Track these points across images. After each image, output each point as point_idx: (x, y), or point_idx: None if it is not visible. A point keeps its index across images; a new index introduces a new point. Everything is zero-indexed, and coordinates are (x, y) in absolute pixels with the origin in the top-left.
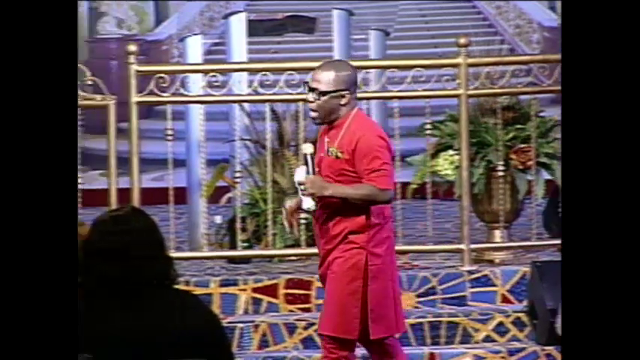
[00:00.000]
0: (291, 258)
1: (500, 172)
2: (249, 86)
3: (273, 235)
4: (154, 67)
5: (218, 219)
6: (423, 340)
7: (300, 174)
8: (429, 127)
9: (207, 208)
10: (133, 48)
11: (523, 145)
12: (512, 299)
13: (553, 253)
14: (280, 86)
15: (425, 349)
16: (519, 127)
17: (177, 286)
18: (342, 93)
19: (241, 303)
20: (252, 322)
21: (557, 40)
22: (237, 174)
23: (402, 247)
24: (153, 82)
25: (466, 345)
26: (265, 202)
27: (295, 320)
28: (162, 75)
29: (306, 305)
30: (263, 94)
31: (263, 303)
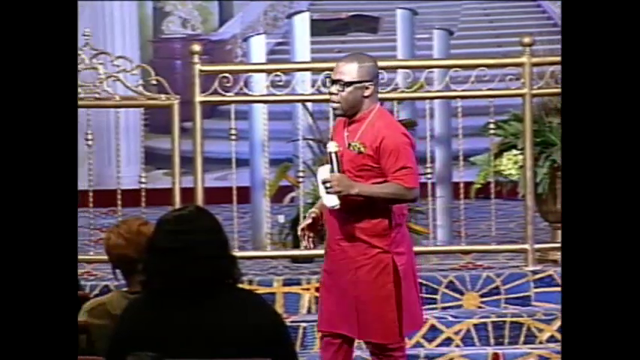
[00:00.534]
0: None
1: None
2: (312, 86)
3: None
4: (217, 67)
5: (281, 218)
6: (486, 340)
7: (324, 172)
8: (492, 126)
9: (271, 207)
10: (197, 48)
11: None
12: None
13: None
14: None
15: (488, 349)
16: None
17: (240, 286)
18: (366, 84)
19: (304, 302)
20: (316, 321)
21: None
22: (300, 173)
23: (466, 247)
24: (217, 81)
25: (530, 345)
26: None
27: None
28: (226, 75)
29: None
30: (326, 93)
31: None
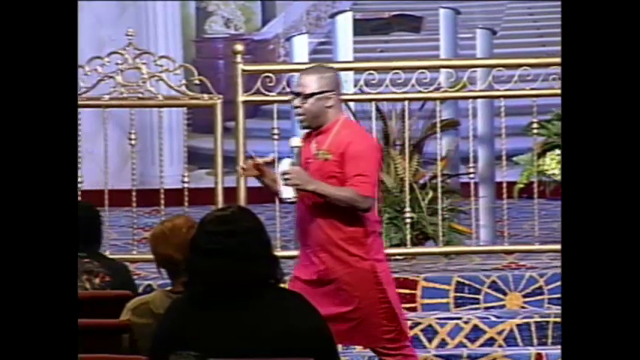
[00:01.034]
0: (397, 257)
1: None
2: (354, 85)
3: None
4: (260, 67)
5: None
6: (529, 340)
7: (285, 164)
8: (535, 126)
9: None
10: (239, 47)
11: None
12: None
13: None
14: (386, 85)
15: (531, 349)
16: None
17: (282, 286)
18: (328, 94)
19: None
20: None
21: None
22: None
23: (509, 247)
24: (259, 81)
25: None
26: None
27: None
28: (269, 74)
29: (412, 304)
30: (369, 93)
31: None
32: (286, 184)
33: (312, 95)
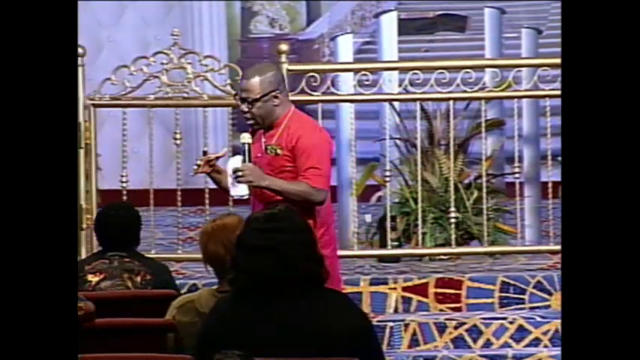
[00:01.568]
0: (442, 257)
1: None
2: (399, 85)
3: (423, 234)
4: (305, 67)
5: (368, 218)
6: None
7: (236, 161)
8: None
9: (358, 206)
10: (284, 47)
11: None
12: None
13: None
14: (431, 85)
15: None
16: None
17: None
18: (273, 94)
19: (391, 302)
20: (402, 321)
21: None
22: (387, 173)
23: (554, 247)
24: (304, 81)
25: None
26: (415, 201)
27: (445, 320)
28: (314, 74)
29: (457, 305)
30: (413, 92)
31: (413, 302)
32: (239, 181)
33: (258, 100)
